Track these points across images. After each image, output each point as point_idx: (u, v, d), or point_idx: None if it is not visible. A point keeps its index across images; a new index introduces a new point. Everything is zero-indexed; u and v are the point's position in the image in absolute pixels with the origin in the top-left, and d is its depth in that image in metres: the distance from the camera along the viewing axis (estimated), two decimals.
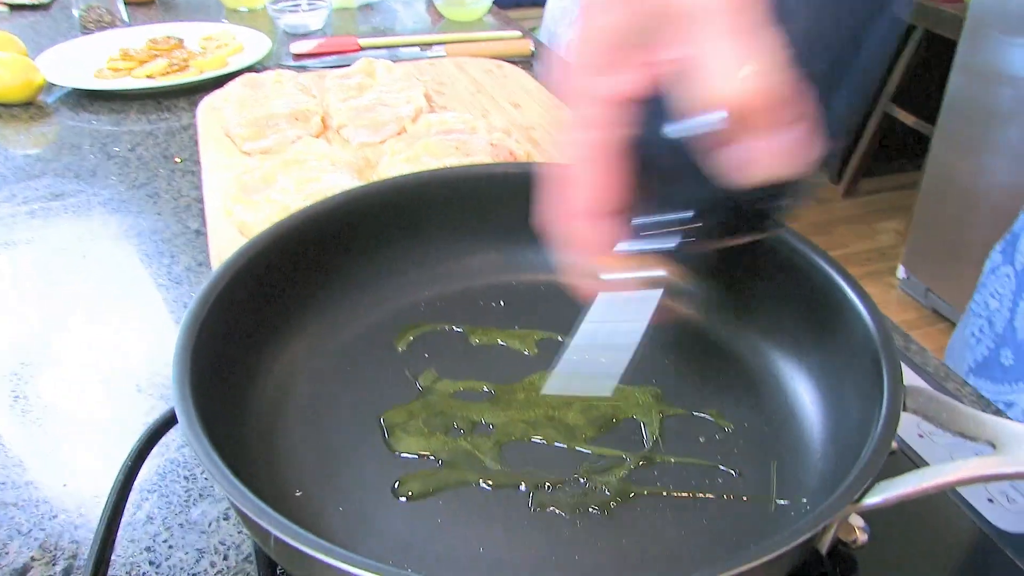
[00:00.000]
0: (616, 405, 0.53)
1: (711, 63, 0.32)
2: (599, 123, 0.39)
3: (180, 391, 0.42)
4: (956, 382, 0.68)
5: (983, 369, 0.78)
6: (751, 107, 0.32)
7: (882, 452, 0.39)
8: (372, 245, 0.62)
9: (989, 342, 0.77)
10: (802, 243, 0.54)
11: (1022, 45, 2.37)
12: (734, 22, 0.32)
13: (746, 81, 0.31)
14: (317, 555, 0.34)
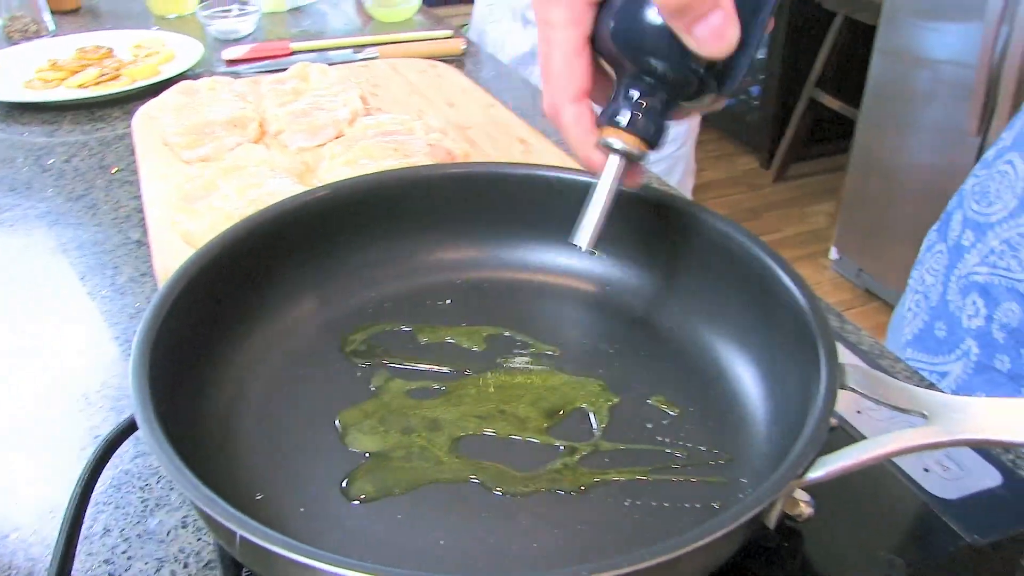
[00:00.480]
0: (565, 396, 0.55)
1: None
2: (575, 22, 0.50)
3: (140, 399, 0.43)
4: (890, 359, 0.71)
5: (919, 341, 0.81)
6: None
7: (822, 428, 0.41)
8: (317, 250, 0.63)
9: (924, 315, 0.81)
10: (737, 232, 0.57)
11: (936, 29, 2.44)
12: None
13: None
14: (283, 552, 0.35)
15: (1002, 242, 0.71)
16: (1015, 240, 0.69)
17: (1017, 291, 0.69)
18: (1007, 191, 0.71)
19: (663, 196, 0.62)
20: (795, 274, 0.52)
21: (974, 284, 0.74)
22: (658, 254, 0.63)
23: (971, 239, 0.75)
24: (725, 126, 4.11)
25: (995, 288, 0.71)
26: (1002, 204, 0.71)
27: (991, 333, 0.72)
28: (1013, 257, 0.69)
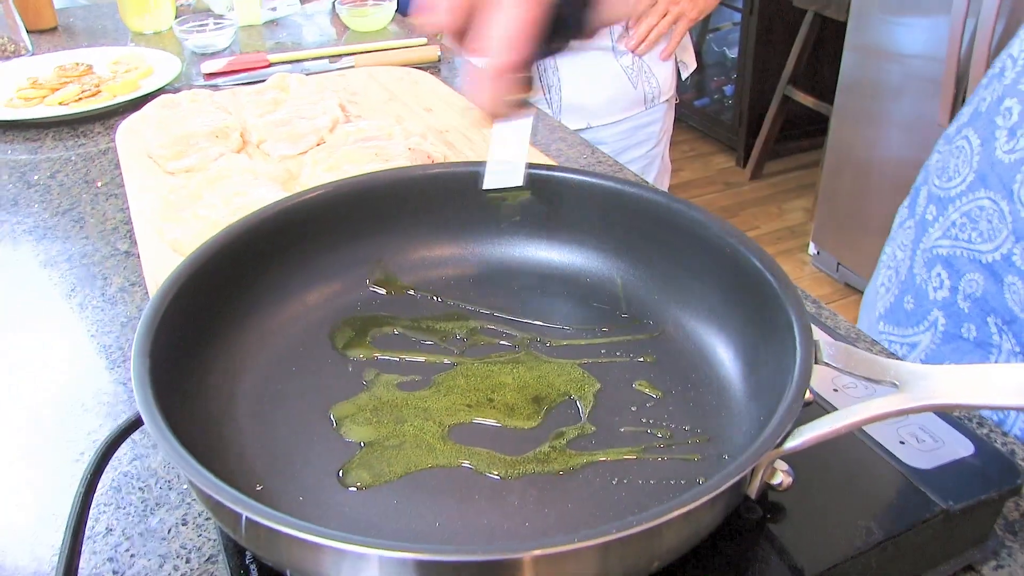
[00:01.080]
0: (550, 383, 0.57)
1: None
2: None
3: (143, 396, 0.44)
4: (867, 342, 0.73)
5: (890, 315, 0.83)
6: None
7: (799, 399, 0.43)
8: (305, 250, 0.65)
9: (895, 289, 0.83)
10: (711, 220, 0.59)
11: (905, 24, 2.48)
12: None
13: None
14: (287, 531, 0.37)
15: (962, 215, 0.73)
16: (974, 212, 0.71)
17: (979, 262, 0.71)
18: (965, 166, 0.73)
19: (639, 189, 0.64)
20: (767, 258, 0.54)
21: (938, 257, 0.76)
22: (635, 245, 0.65)
23: (934, 213, 0.77)
24: (700, 125, 4.15)
25: (958, 260, 0.73)
26: (961, 178, 0.74)
27: (956, 303, 0.74)
28: (973, 229, 0.71)
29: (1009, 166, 0.68)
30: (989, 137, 0.71)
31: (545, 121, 1.28)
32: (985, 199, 0.70)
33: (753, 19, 3.54)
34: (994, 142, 0.70)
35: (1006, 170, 0.68)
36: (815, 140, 3.71)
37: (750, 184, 3.77)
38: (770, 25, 3.55)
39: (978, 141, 0.73)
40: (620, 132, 1.66)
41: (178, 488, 0.61)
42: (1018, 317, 0.69)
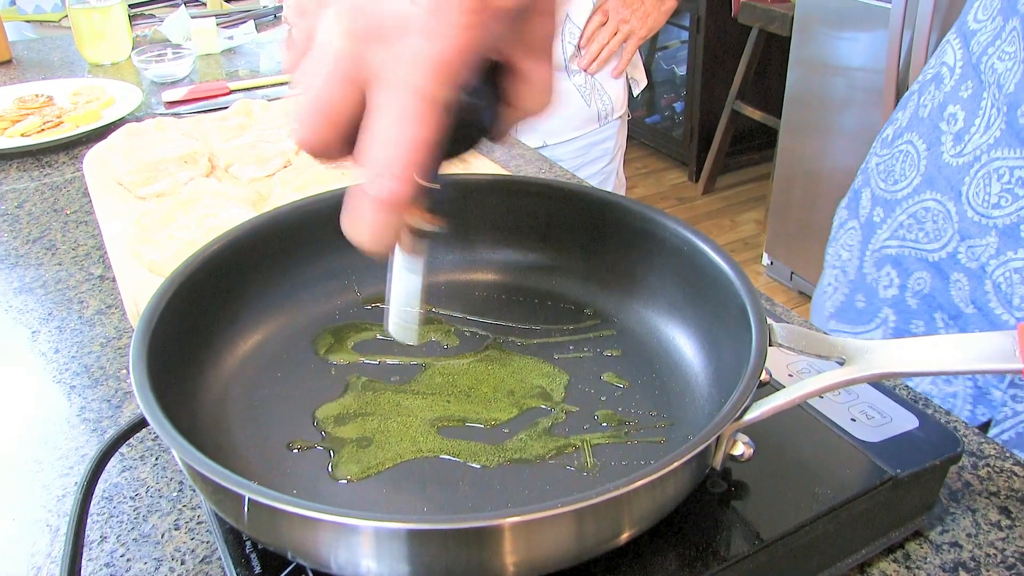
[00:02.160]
0: (524, 378, 0.60)
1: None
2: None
3: (145, 399, 0.47)
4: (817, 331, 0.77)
5: (841, 314, 0.88)
6: None
7: (755, 376, 0.47)
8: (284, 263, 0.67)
9: (844, 289, 0.88)
10: (665, 218, 0.63)
11: (846, 38, 2.56)
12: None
13: None
14: (289, 508, 0.40)
15: (909, 216, 0.77)
16: (920, 214, 0.76)
17: (926, 260, 0.75)
18: (910, 169, 0.78)
19: (599, 194, 0.68)
20: (720, 250, 0.58)
21: (887, 257, 0.80)
22: (597, 247, 0.68)
23: (881, 215, 0.82)
24: (652, 142, 4.22)
25: (906, 259, 0.78)
26: (907, 181, 0.78)
27: (905, 301, 0.79)
28: (920, 229, 0.76)
29: (956, 169, 0.72)
30: (935, 142, 0.75)
31: None
32: (931, 201, 0.74)
33: (700, 37, 3.63)
34: (940, 147, 0.74)
35: (953, 173, 0.72)
36: (764, 153, 3.80)
37: (703, 198, 3.84)
38: (717, 42, 3.64)
39: (924, 146, 0.76)
40: (576, 149, 1.71)
41: (168, 495, 0.64)
42: (963, 312, 0.73)
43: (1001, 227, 0.68)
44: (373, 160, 0.42)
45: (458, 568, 0.42)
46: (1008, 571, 0.54)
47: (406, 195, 0.42)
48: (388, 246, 0.45)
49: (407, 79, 0.40)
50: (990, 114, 0.70)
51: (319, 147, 0.44)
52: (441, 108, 0.41)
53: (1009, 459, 0.63)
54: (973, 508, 0.58)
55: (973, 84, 0.73)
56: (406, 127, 0.40)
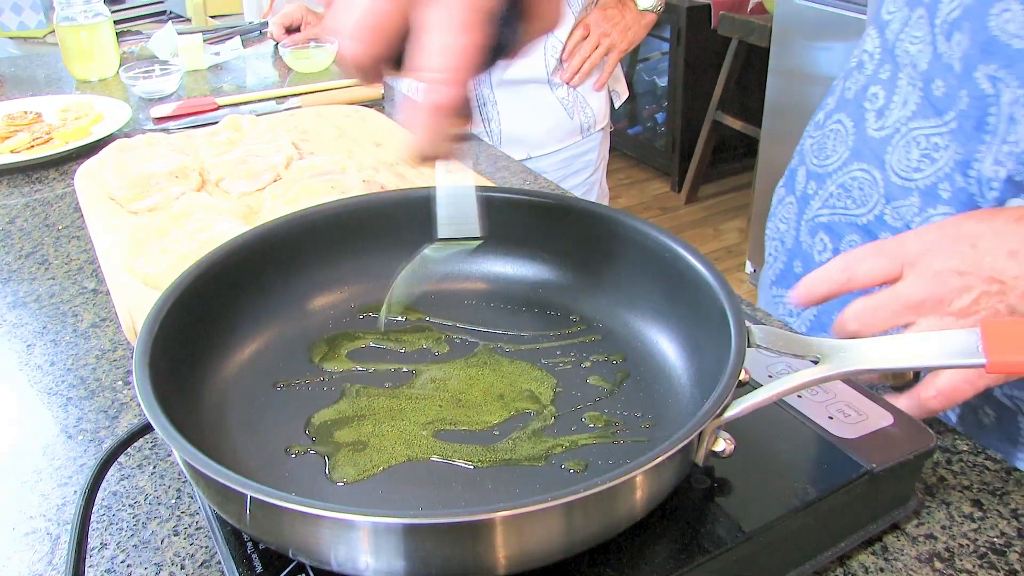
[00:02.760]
0: (513, 382, 0.62)
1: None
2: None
3: (149, 406, 0.49)
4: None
5: (781, 280, 0.95)
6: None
7: (735, 375, 0.49)
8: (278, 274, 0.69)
9: (783, 257, 0.95)
10: (649, 227, 0.65)
11: (823, 48, 2.60)
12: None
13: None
14: (290, 506, 0.42)
15: (838, 186, 0.84)
16: (848, 183, 0.83)
17: (855, 224, 0.82)
18: (840, 144, 0.86)
19: (583, 204, 0.70)
20: (701, 256, 0.60)
21: (820, 224, 0.87)
22: (582, 256, 0.70)
23: (814, 188, 0.89)
24: (635, 153, 4.26)
25: (837, 225, 0.85)
26: (837, 156, 0.86)
27: None
28: (848, 197, 0.83)
29: (880, 141, 0.80)
30: (860, 119, 0.83)
31: (488, 151, 1.35)
32: (858, 171, 0.82)
33: (681, 48, 3.66)
34: (865, 123, 0.82)
35: (877, 144, 0.80)
36: (746, 162, 3.84)
37: (686, 208, 3.88)
38: (697, 53, 3.67)
39: (851, 123, 0.85)
40: (559, 161, 1.73)
41: (167, 502, 0.65)
42: None
43: (922, 188, 0.75)
44: (431, 69, 0.47)
45: (453, 562, 0.44)
46: (980, 560, 0.56)
47: (463, 98, 0.48)
48: (446, 151, 0.52)
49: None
50: (906, 91, 0.78)
51: (367, 61, 0.49)
52: (487, 17, 0.47)
53: (981, 454, 0.65)
54: (947, 501, 0.61)
55: (890, 67, 0.81)
56: (460, 36, 0.46)
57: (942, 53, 0.73)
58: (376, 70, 0.50)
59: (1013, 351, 0.47)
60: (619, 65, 1.77)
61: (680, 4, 3.55)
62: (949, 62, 0.72)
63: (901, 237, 0.63)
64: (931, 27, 0.74)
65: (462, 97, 0.48)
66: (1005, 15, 0.66)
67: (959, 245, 0.60)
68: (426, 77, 0.47)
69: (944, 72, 0.73)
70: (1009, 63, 0.66)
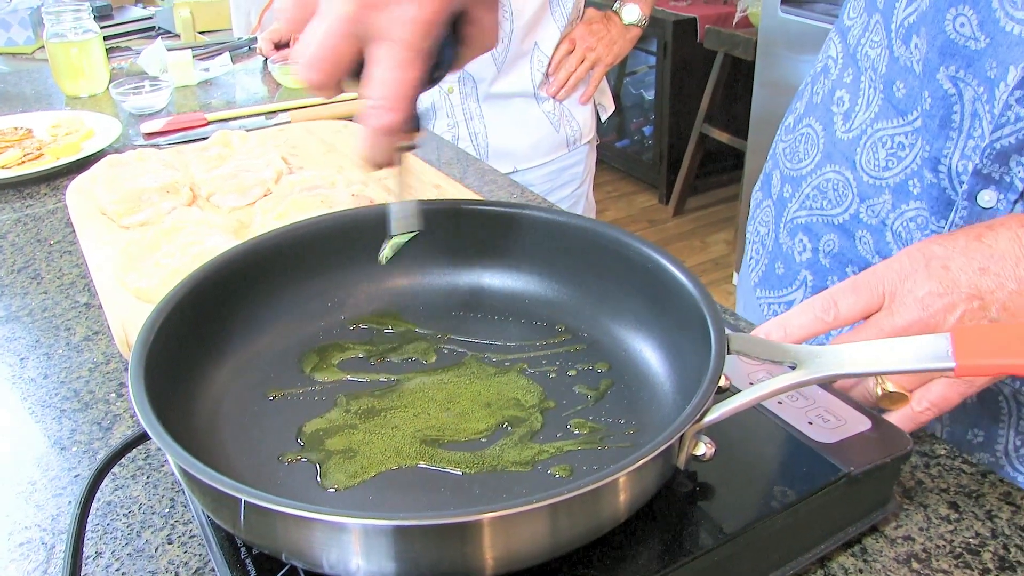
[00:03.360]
0: (499, 391, 0.64)
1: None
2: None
3: (144, 412, 0.50)
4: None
5: (764, 281, 0.97)
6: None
7: (715, 381, 0.50)
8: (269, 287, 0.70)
9: (765, 259, 0.97)
10: (630, 238, 0.67)
11: (808, 60, 2.63)
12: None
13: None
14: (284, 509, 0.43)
15: (813, 188, 0.87)
16: (823, 185, 0.86)
17: (832, 224, 0.85)
18: (812, 148, 0.89)
19: (567, 217, 0.72)
20: (682, 266, 0.62)
21: (798, 226, 0.90)
22: (567, 267, 0.72)
23: (790, 191, 0.92)
24: (622, 166, 4.28)
25: (815, 225, 0.87)
26: (809, 159, 0.89)
27: (819, 262, 0.88)
28: (824, 198, 0.86)
29: (849, 143, 0.83)
30: (828, 123, 0.86)
31: (475, 165, 1.36)
32: (831, 172, 0.85)
33: (667, 62, 3.69)
34: (833, 126, 0.85)
35: (846, 146, 0.83)
36: (733, 175, 3.87)
37: (673, 220, 3.90)
38: (683, 67, 3.70)
39: (820, 127, 0.88)
40: (546, 174, 1.75)
41: (160, 512, 0.66)
42: (871, 262, 0.82)
43: (892, 186, 0.78)
44: (375, 98, 0.55)
45: (442, 564, 0.46)
46: (956, 560, 0.57)
47: (400, 122, 0.56)
48: (390, 161, 0.61)
49: (400, 36, 0.54)
50: (868, 94, 0.81)
51: (322, 85, 0.57)
52: (425, 55, 0.55)
53: (958, 458, 0.66)
54: (925, 504, 0.62)
55: (853, 71, 0.84)
56: (399, 71, 0.55)
57: (899, 56, 0.76)
58: (328, 90, 0.58)
59: (981, 355, 0.48)
60: (605, 79, 1.79)
61: (666, 18, 3.58)
62: (908, 64, 0.75)
63: (874, 269, 0.65)
64: (887, 32, 0.77)
65: (401, 120, 0.57)
66: (959, 19, 0.69)
67: (932, 269, 0.62)
68: (369, 104, 0.56)
69: (903, 74, 0.76)
70: (968, 63, 0.69)
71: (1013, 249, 0.60)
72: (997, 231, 0.62)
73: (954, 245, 0.63)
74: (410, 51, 0.54)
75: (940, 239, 0.64)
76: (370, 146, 0.60)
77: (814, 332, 0.65)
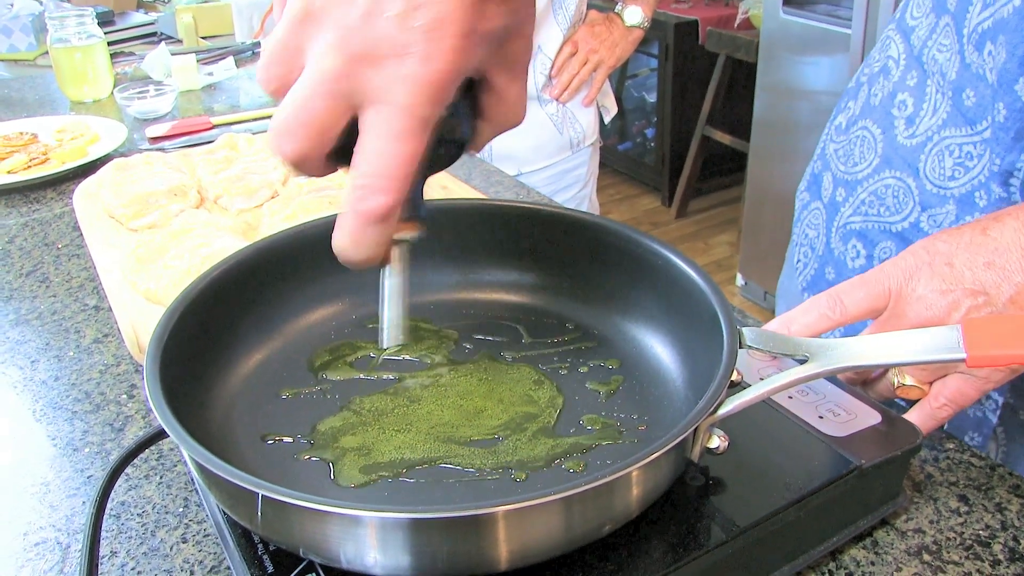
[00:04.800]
0: (512, 388, 0.64)
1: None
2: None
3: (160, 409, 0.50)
4: None
5: (814, 286, 0.95)
6: None
7: (727, 374, 0.51)
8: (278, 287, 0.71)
9: (814, 263, 0.94)
10: (640, 235, 0.67)
11: (809, 63, 2.64)
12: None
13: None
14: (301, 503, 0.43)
15: (870, 194, 0.84)
16: (880, 191, 0.83)
17: (889, 231, 0.82)
18: (869, 151, 0.85)
19: (578, 216, 0.72)
20: (692, 262, 0.62)
21: (852, 231, 0.87)
22: (577, 265, 0.72)
23: (843, 194, 0.89)
24: (625, 169, 4.29)
25: (870, 232, 0.84)
26: (866, 163, 0.85)
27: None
28: (881, 204, 0.83)
29: (911, 149, 0.79)
30: (888, 126, 0.83)
31: (480, 167, 1.37)
32: (891, 178, 0.81)
33: (669, 64, 3.70)
34: (894, 130, 0.82)
35: (908, 152, 0.80)
36: (735, 176, 3.87)
37: (676, 222, 3.91)
38: (685, 69, 3.71)
39: (878, 130, 0.84)
40: (549, 176, 1.75)
41: (174, 511, 0.67)
42: None
43: (958, 196, 0.75)
44: (363, 175, 0.44)
45: (457, 557, 0.46)
46: (966, 551, 0.58)
47: (395, 208, 0.45)
48: (378, 257, 0.49)
49: (399, 99, 0.43)
50: (936, 99, 0.77)
51: (301, 159, 0.46)
52: (429, 125, 0.44)
53: (967, 452, 0.67)
54: (935, 497, 0.62)
55: (918, 74, 0.80)
56: (396, 144, 0.43)
57: (971, 63, 0.72)
58: (309, 168, 0.48)
59: (991, 345, 0.49)
60: (607, 81, 1.79)
61: (668, 20, 3.59)
62: (980, 72, 0.71)
63: (881, 267, 0.64)
64: (959, 36, 0.74)
65: (394, 204, 0.45)
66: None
67: (936, 266, 0.62)
68: (356, 182, 0.45)
69: (975, 82, 0.72)
70: None
71: (1019, 240, 0.60)
72: (1003, 222, 0.61)
73: (959, 240, 0.62)
74: (410, 119, 0.43)
75: (946, 235, 0.64)
76: (354, 235, 0.47)
77: (819, 330, 0.64)
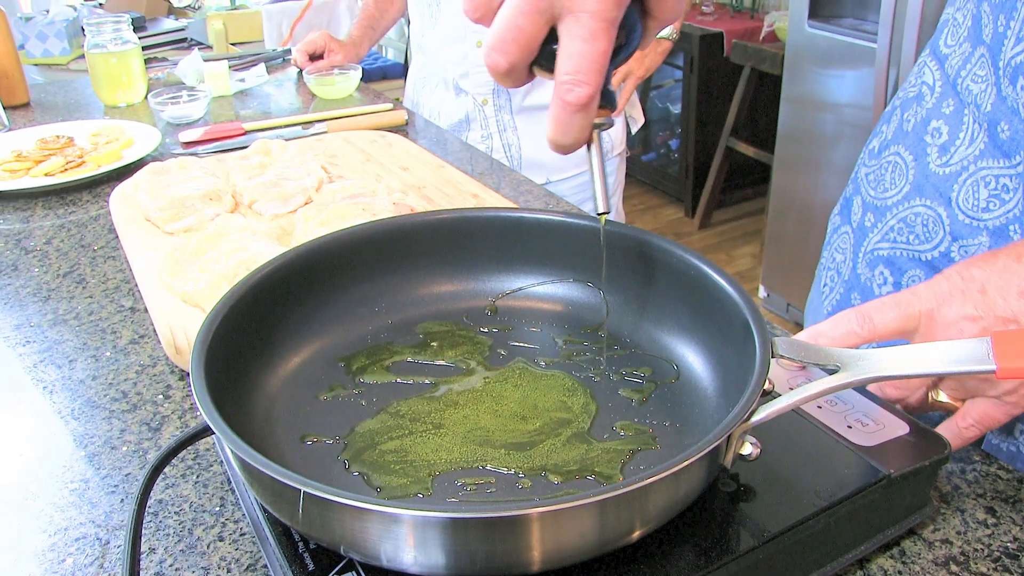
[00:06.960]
0: (546, 394, 0.65)
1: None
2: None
3: (206, 407, 0.52)
4: None
5: (838, 311, 0.93)
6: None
7: (760, 383, 0.52)
8: (318, 292, 0.72)
9: (840, 288, 0.94)
10: (674, 246, 0.68)
11: (834, 76, 2.64)
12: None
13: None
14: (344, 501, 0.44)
15: (899, 221, 0.83)
16: (910, 218, 0.82)
17: (918, 259, 0.81)
18: (900, 178, 0.84)
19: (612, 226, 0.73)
20: (724, 273, 0.63)
21: (879, 258, 0.86)
22: (611, 274, 0.73)
23: (872, 220, 0.88)
24: (648, 179, 4.29)
25: (898, 259, 0.84)
26: (896, 190, 0.85)
27: None
28: (910, 232, 0.82)
29: (944, 178, 0.79)
30: (921, 153, 0.82)
31: (510, 176, 1.38)
32: (921, 206, 0.81)
33: (694, 76, 3.70)
34: (926, 158, 0.81)
35: (941, 181, 0.79)
36: (759, 188, 3.87)
37: (699, 233, 3.90)
38: (710, 81, 3.71)
39: (911, 157, 0.83)
40: (577, 185, 1.76)
41: (211, 510, 0.68)
42: None
43: (992, 228, 0.74)
44: (567, 72, 0.54)
45: (493, 558, 0.47)
46: (994, 563, 0.58)
47: (595, 96, 0.54)
48: (583, 140, 0.58)
49: (590, 6, 0.52)
50: (972, 128, 0.76)
51: (511, 69, 0.56)
52: (615, 25, 0.53)
53: (994, 464, 0.67)
54: (962, 508, 0.63)
55: (953, 102, 0.79)
56: (592, 43, 0.53)
57: (1006, 96, 0.72)
58: (516, 77, 0.57)
59: (1021, 357, 0.49)
60: (636, 92, 1.80)
61: (693, 32, 3.59)
62: (1015, 106, 0.71)
63: (914, 289, 0.64)
64: (994, 68, 0.73)
65: (592, 94, 0.54)
66: None
67: (969, 292, 0.62)
68: (560, 79, 0.54)
69: (1009, 115, 0.72)
70: None
71: None
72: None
73: (993, 267, 0.62)
74: (601, 21, 0.53)
75: (980, 260, 0.64)
76: (562, 124, 0.56)
77: (846, 345, 0.64)
